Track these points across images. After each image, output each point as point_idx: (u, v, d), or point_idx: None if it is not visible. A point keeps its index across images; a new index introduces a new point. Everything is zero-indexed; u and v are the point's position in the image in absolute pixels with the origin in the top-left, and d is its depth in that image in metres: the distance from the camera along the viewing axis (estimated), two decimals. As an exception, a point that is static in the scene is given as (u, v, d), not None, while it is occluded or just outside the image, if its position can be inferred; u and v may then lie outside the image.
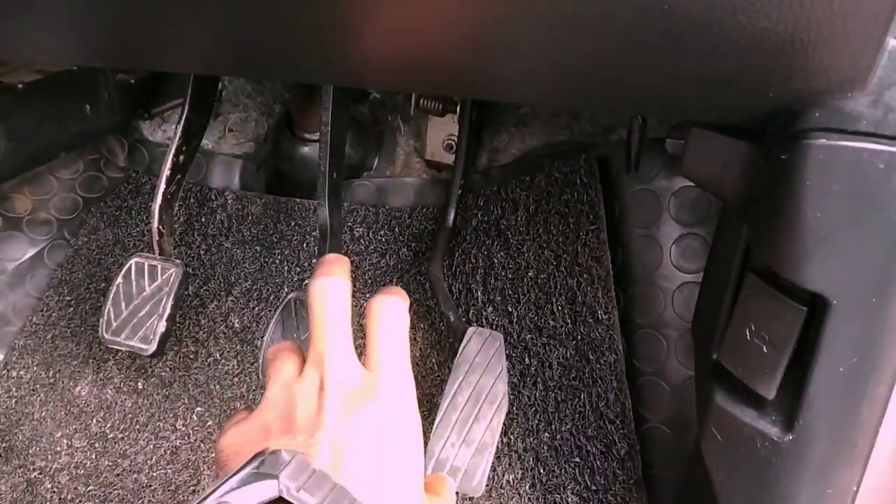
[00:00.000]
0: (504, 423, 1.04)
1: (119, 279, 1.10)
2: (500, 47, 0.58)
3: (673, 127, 0.79)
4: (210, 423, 1.20)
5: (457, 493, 1.06)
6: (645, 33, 0.54)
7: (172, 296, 1.08)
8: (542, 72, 0.62)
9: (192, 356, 1.25)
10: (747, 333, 0.69)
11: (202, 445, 1.18)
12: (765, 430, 0.68)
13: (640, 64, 0.58)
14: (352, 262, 1.26)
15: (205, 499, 0.49)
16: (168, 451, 1.18)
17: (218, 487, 0.49)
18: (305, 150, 1.30)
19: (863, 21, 0.49)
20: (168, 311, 1.07)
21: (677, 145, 0.80)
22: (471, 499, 1.08)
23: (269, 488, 0.50)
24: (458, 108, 1.20)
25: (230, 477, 0.50)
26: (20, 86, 1.06)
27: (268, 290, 1.28)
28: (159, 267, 1.10)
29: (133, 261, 1.11)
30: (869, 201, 0.57)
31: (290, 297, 1.04)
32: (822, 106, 0.57)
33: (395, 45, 0.63)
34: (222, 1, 0.61)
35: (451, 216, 1.21)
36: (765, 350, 0.67)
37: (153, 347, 1.06)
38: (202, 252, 1.32)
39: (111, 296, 1.09)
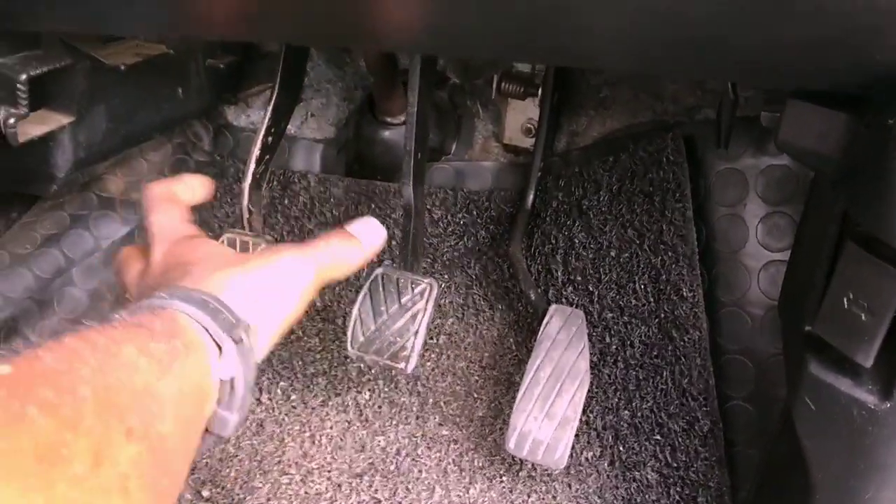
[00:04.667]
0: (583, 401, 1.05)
1: (212, 254, 1.14)
2: (602, 6, 0.58)
3: (766, 101, 0.80)
4: (293, 397, 1.23)
5: (537, 466, 1.08)
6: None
7: (262, 270, 1.11)
8: (642, 34, 0.62)
9: (275, 333, 1.29)
10: (845, 302, 0.69)
11: (286, 418, 1.21)
12: (861, 398, 0.68)
13: (747, 24, 0.57)
14: (430, 244, 1.29)
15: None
16: (254, 423, 1.22)
17: None
18: (387, 133, 1.33)
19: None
20: (258, 285, 1.11)
21: (772, 118, 0.80)
22: (549, 475, 1.09)
23: None
24: (539, 91, 1.21)
25: None
26: (122, 68, 1.11)
27: (348, 269, 1.31)
28: (250, 242, 1.14)
29: (225, 236, 1.15)
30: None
31: (377, 272, 1.07)
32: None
33: (490, 11, 0.64)
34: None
35: (531, 198, 1.22)
36: (863, 318, 0.67)
37: (243, 320, 1.10)
38: (285, 233, 1.36)
39: (204, 270, 1.13)
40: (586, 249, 1.13)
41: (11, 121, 0.97)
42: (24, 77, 0.95)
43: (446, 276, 1.28)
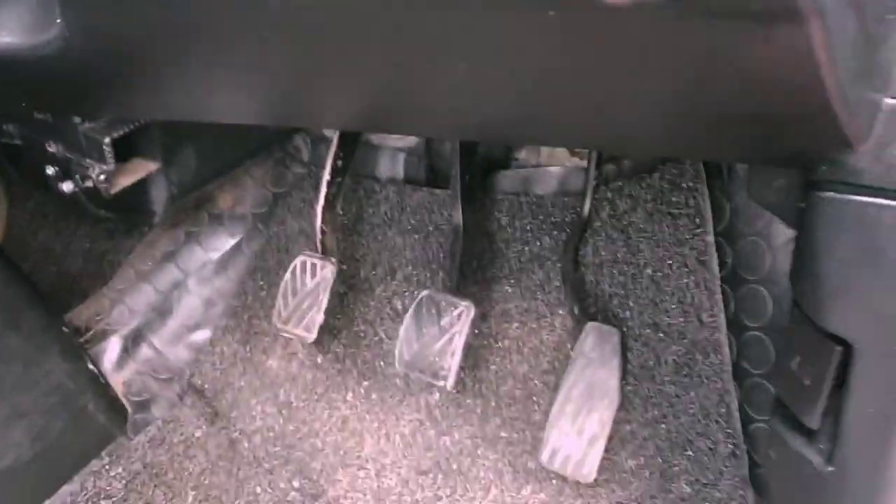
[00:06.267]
0: (626, 411, 1.10)
1: (287, 276, 1.27)
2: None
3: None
4: (374, 396, 1.35)
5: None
6: (708, 116, 0.58)
7: (328, 291, 1.23)
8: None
9: (361, 335, 1.41)
10: (794, 365, 0.70)
11: (367, 416, 1.34)
12: (810, 457, 0.70)
13: (709, 131, 0.61)
14: (498, 249, 1.35)
15: None
16: (339, 420, 1.35)
17: None
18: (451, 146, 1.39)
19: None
20: (325, 304, 1.23)
21: (745, 169, 0.81)
22: (596, 480, 1.14)
23: None
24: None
25: None
26: (201, 113, 1.24)
27: (425, 275, 1.40)
28: (318, 265, 1.26)
29: (298, 260, 1.27)
30: (880, 255, 0.57)
31: (422, 294, 1.16)
32: (829, 161, 0.58)
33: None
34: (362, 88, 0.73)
35: (587, 206, 1.25)
36: (807, 383, 0.68)
37: (313, 336, 1.23)
38: (370, 240, 1.46)
39: (281, 290, 1.27)
40: (627, 265, 1.16)
41: (102, 177, 1.14)
42: (108, 140, 1.10)
43: (512, 281, 1.33)
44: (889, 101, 0.53)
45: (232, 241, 1.53)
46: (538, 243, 1.33)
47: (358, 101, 0.76)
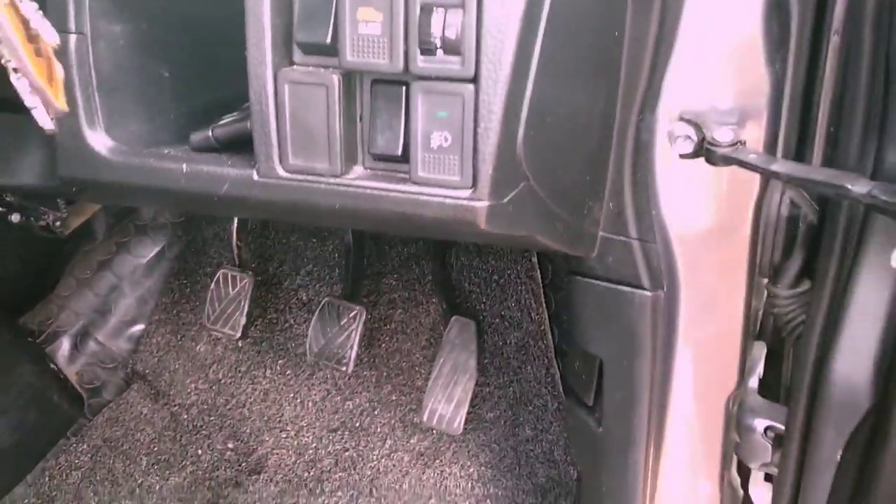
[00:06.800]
0: (486, 377, 1.48)
1: (213, 286, 1.58)
2: None
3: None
4: (288, 372, 1.69)
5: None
6: None
7: (247, 299, 1.55)
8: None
9: (274, 321, 1.73)
10: (576, 366, 1.09)
11: (284, 388, 1.68)
12: (589, 423, 1.09)
13: None
14: (381, 249, 1.69)
15: None
16: (261, 392, 1.69)
17: None
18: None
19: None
20: (246, 308, 1.55)
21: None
22: (465, 429, 1.52)
23: None
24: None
25: None
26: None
27: (324, 272, 1.73)
28: (238, 277, 1.57)
29: (220, 273, 1.58)
30: (607, 313, 0.95)
31: (324, 301, 1.49)
32: (576, 260, 0.94)
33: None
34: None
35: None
36: (584, 378, 1.07)
37: (238, 334, 1.55)
38: (277, 244, 1.77)
39: (209, 297, 1.58)
40: (481, 271, 1.52)
41: (58, 224, 1.41)
42: (63, 193, 1.37)
43: (396, 276, 1.68)
44: (600, 234, 0.89)
45: (156, 248, 1.81)
46: (414, 245, 1.68)
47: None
